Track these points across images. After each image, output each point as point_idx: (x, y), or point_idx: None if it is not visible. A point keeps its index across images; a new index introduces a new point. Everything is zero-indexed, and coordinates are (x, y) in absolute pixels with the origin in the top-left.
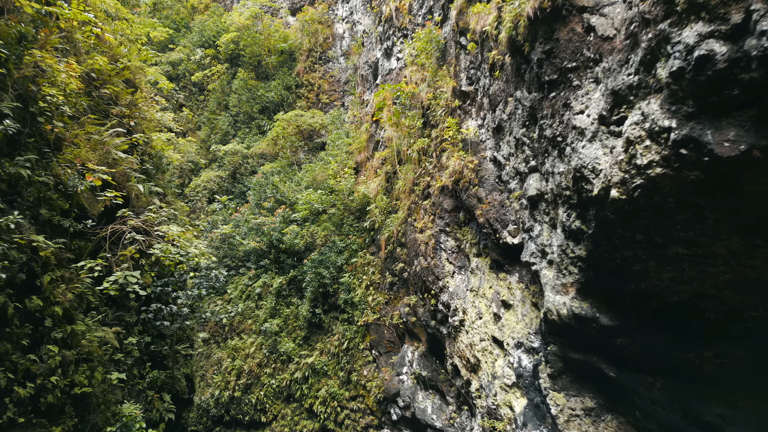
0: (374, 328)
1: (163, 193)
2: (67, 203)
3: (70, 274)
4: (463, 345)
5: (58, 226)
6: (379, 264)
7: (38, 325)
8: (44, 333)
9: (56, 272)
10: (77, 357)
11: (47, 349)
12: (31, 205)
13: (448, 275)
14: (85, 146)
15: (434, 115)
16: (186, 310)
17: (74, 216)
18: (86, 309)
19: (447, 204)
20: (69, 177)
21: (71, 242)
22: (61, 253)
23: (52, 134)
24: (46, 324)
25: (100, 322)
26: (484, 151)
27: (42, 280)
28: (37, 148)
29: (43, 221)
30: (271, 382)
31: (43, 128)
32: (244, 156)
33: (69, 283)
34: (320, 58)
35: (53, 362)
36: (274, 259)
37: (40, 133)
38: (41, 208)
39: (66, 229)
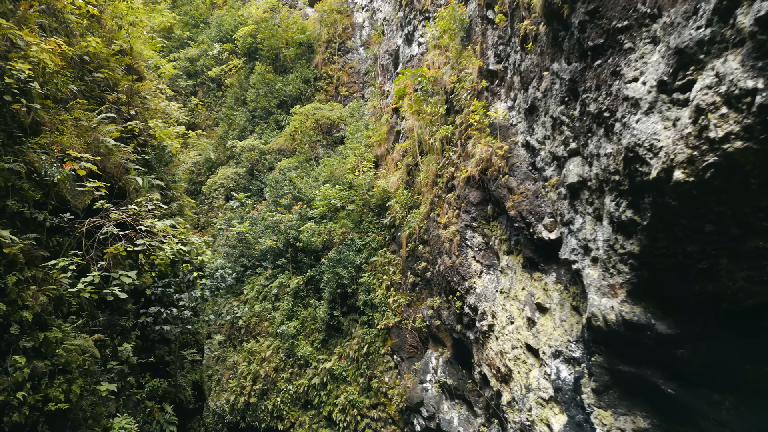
0: (395, 332)
1: (166, 187)
2: (39, 193)
3: (43, 275)
4: (493, 352)
5: (31, 220)
6: (400, 263)
7: (2, 333)
8: (10, 342)
9: (26, 272)
10: (52, 368)
11: (13, 360)
12: None
13: (475, 275)
14: (70, 132)
15: (458, 99)
16: (188, 313)
17: (51, 209)
18: (66, 313)
19: (473, 196)
20: (43, 164)
21: (48, 238)
22: (33, 250)
23: (27, 117)
24: (12, 332)
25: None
26: (514, 135)
27: (6, 281)
28: (5, 131)
29: (11, 214)
30: (288, 388)
31: (12, 109)
32: (261, 152)
33: (42, 285)
34: (339, 49)
35: (20, 375)
36: (291, 258)
37: (11, 114)
38: (8, 199)
39: (40, 224)
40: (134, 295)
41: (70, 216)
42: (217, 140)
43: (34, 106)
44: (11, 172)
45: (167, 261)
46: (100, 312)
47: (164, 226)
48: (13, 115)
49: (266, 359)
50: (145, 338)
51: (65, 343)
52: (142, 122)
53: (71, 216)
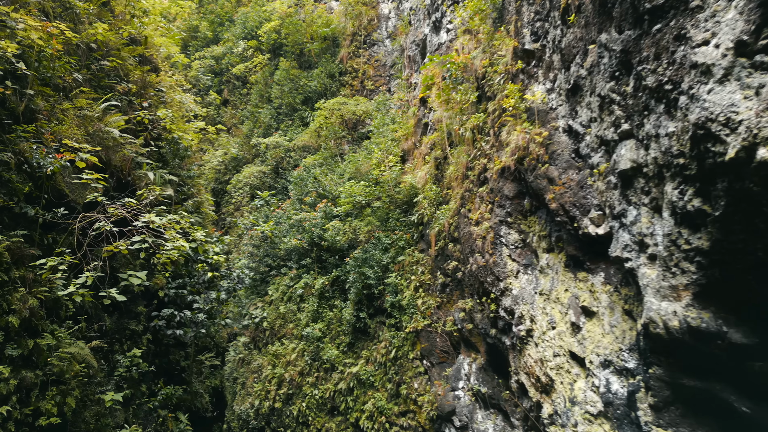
0: (425, 336)
1: (182, 183)
2: (27, 186)
3: (34, 276)
4: (532, 360)
5: (21, 215)
6: (429, 262)
7: None
8: None
9: (13, 272)
10: (44, 379)
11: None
12: None
13: (511, 275)
14: (71, 122)
15: (490, 84)
16: (202, 316)
17: (44, 203)
18: (63, 318)
19: (508, 189)
20: (34, 154)
21: (43, 236)
22: (22, 248)
23: (18, 103)
24: None
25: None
26: (554, 120)
27: None
28: None
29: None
30: (314, 393)
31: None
32: (286, 149)
33: (33, 287)
34: (365, 41)
35: (4, 387)
36: (315, 258)
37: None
38: None
39: (31, 220)
40: (146, 297)
41: (64, 211)
42: (243, 138)
43: (27, 92)
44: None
45: (172, 259)
46: (107, 315)
47: (165, 221)
48: (2, 100)
49: (291, 362)
50: (158, 342)
51: (59, 350)
52: (151, 113)
53: (66, 211)
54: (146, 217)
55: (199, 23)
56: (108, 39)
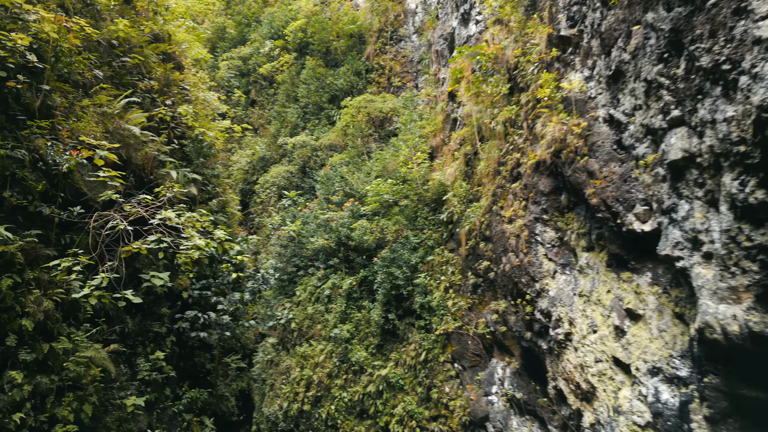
0: (456, 338)
1: (205, 181)
2: (41, 184)
3: (49, 277)
4: (571, 365)
5: (36, 214)
6: (459, 262)
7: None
8: (6, 355)
9: (26, 274)
10: (60, 384)
11: (9, 376)
12: None
13: (548, 275)
14: (89, 119)
15: (523, 75)
16: (226, 318)
17: (60, 202)
18: (81, 320)
19: (543, 185)
20: (49, 151)
21: (60, 235)
22: (37, 249)
23: (34, 99)
24: (8, 343)
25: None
26: (594, 110)
27: (0, 285)
28: (4, 112)
29: (11, 207)
30: (343, 396)
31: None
32: (313, 148)
33: (48, 288)
34: (391, 38)
35: (18, 394)
36: (343, 258)
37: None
38: (5, 190)
39: (47, 219)
40: (170, 298)
41: (80, 210)
42: (270, 139)
43: (43, 87)
44: (11, 159)
45: (193, 259)
46: (130, 317)
47: (183, 219)
48: (16, 95)
49: (319, 364)
50: (182, 345)
51: (76, 354)
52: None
53: (82, 210)
54: (162, 214)
55: (227, 24)
56: (129, 36)
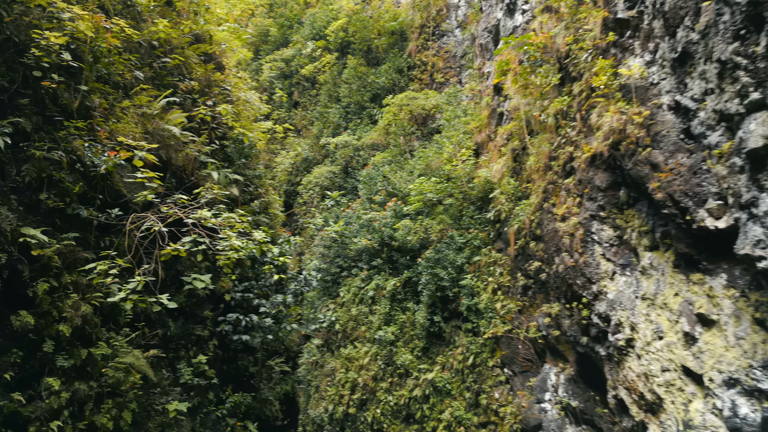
0: (505, 342)
1: (247, 182)
2: (78, 186)
3: (87, 281)
4: (633, 374)
5: (74, 217)
6: (507, 263)
7: (33, 350)
8: (44, 361)
9: (64, 278)
10: (99, 391)
11: (46, 383)
12: (23, 188)
13: (606, 277)
14: (128, 120)
15: (576, 63)
16: (268, 320)
17: (99, 204)
18: (122, 325)
19: (600, 179)
20: (86, 152)
21: (100, 238)
22: (75, 252)
23: (72, 100)
24: (45, 349)
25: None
26: (656, 96)
27: (36, 289)
28: (40, 113)
29: (47, 210)
30: (388, 399)
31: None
32: (355, 148)
33: (86, 292)
34: (433, 33)
35: (55, 401)
36: (386, 259)
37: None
38: (42, 192)
39: (86, 221)
40: (212, 301)
41: (118, 212)
42: (312, 140)
43: (81, 88)
44: (48, 161)
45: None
46: (172, 320)
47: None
48: (53, 96)
49: (364, 367)
50: (225, 348)
51: (116, 359)
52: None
53: (120, 212)
54: (198, 214)
55: (269, 27)
56: (170, 36)
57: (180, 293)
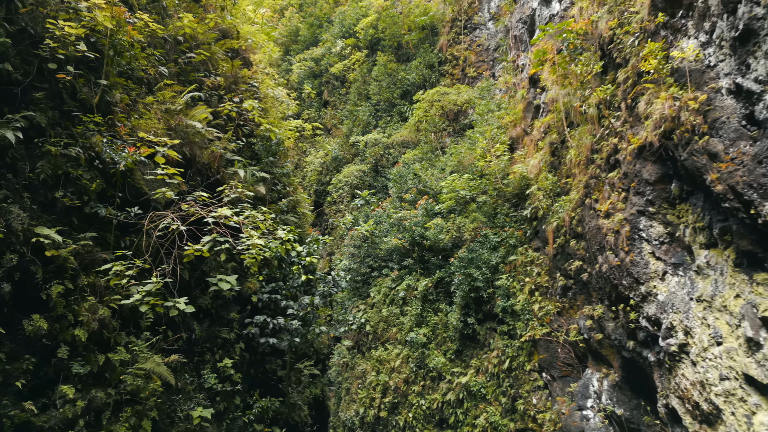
0: (543, 345)
1: (275, 180)
2: (94, 183)
3: (106, 282)
4: (687, 381)
5: (93, 216)
6: (546, 262)
7: (47, 356)
8: (59, 368)
9: (80, 279)
10: (117, 398)
11: (61, 391)
12: (38, 186)
13: (655, 277)
14: (151, 116)
15: (620, 49)
16: (296, 323)
17: (119, 202)
18: (143, 328)
19: (649, 172)
20: (105, 148)
21: (121, 237)
22: (93, 252)
23: (92, 95)
24: (60, 355)
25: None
26: (714, 80)
27: (49, 291)
28: (57, 108)
29: (64, 209)
30: (421, 403)
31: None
32: (385, 146)
33: (104, 294)
34: (465, 26)
35: (70, 410)
36: (417, 258)
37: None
38: (57, 190)
39: (105, 221)
40: (239, 303)
41: (138, 210)
42: (342, 139)
43: (101, 83)
44: (64, 158)
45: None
46: (197, 323)
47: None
48: (72, 90)
49: (395, 369)
50: (252, 351)
51: (136, 365)
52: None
53: (140, 211)
54: (218, 212)
55: (300, 26)
56: (196, 32)
57: (205, 295)
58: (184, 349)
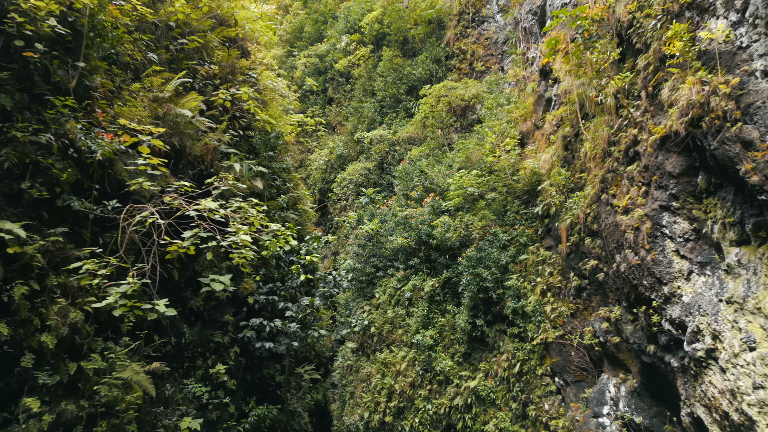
0: (556, 349)
1: (274, 176)
2: (66, 173)
3: (77, 282)
4: (715, 390)
5: (65, 210)
6: (558, 262)
7: (10, 365)
8: (23, 378)
9: (50, 280)
10: (90, 411)
11: (25, 404)
12: (2, 175)
13: (680, 277)
14: (137, 103)
15: (640, 33)
16: (295, 326)
17: (96, 195)
18: (124, 332)
19: (672, 164)
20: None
21: (100, 233)
22: (65, 250)
23: (68, 78)
24: (23, 363)
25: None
26: (746, 62)
27: (12, 293)
28: (27, 90)
29: (32, 202)
30: (427, 408)
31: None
32: (390, 143)
33: (77, 296)
34: (473, 20)
35: (35, 425)
36: (424, 258)
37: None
38: (24, 181)
39: (82, 215)
40: (234, 304)
41: (117, 204)
42: (347, 136)
43: (79, 65)
44: (34, 145)
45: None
46: (188, 326)
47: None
48: (45, 72)
49: (401, 372)
50: (248, 355)
51: (113, 374)
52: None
53: (119, 204)
54: (202, 205)
55: (304, 23)
56: (189, 18)
57: (197, 296)
58: (172, 354)
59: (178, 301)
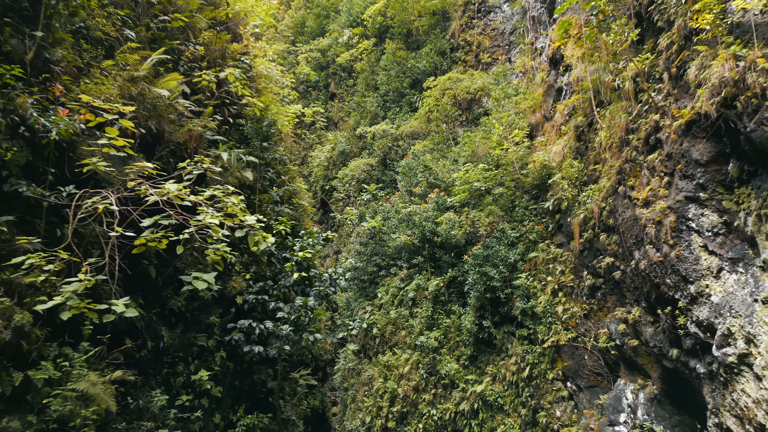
0: (568, 352)
1: (266, 167)
2: (11, 152)
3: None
4: (749, 399)
5: (13, 195)
6: (570, 259)
7: None
8: None
9: None
10: (40, 428)
11: None
12: None
13: (708, 274)
14: (113, 82)
15: (663, 10)
16: (287, 328)
17: (52, 181)
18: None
19: (699, 151)
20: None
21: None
22: (10, 242)
23: (24, 50)
24: None
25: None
26: None
27: None
28: None
29: None
30: (432, 413)
31: None
32: (393, 138)
33: (25, 295)
34: (479, 10)
35: None
36: (428, 256)
37: None
38: None
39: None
40: (221, 305)
41: (73, 189)
42: (349, 132)
43: (37, 35)
44: None
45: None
46: (167, 328)
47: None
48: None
49: (404, 376)
50: (237, 360)
51: (67, 385)
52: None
53: (75, 190)
54: (163, 189)
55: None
56: None
57: (178, 295)
58: (148, 360)
59: (156, 300)
